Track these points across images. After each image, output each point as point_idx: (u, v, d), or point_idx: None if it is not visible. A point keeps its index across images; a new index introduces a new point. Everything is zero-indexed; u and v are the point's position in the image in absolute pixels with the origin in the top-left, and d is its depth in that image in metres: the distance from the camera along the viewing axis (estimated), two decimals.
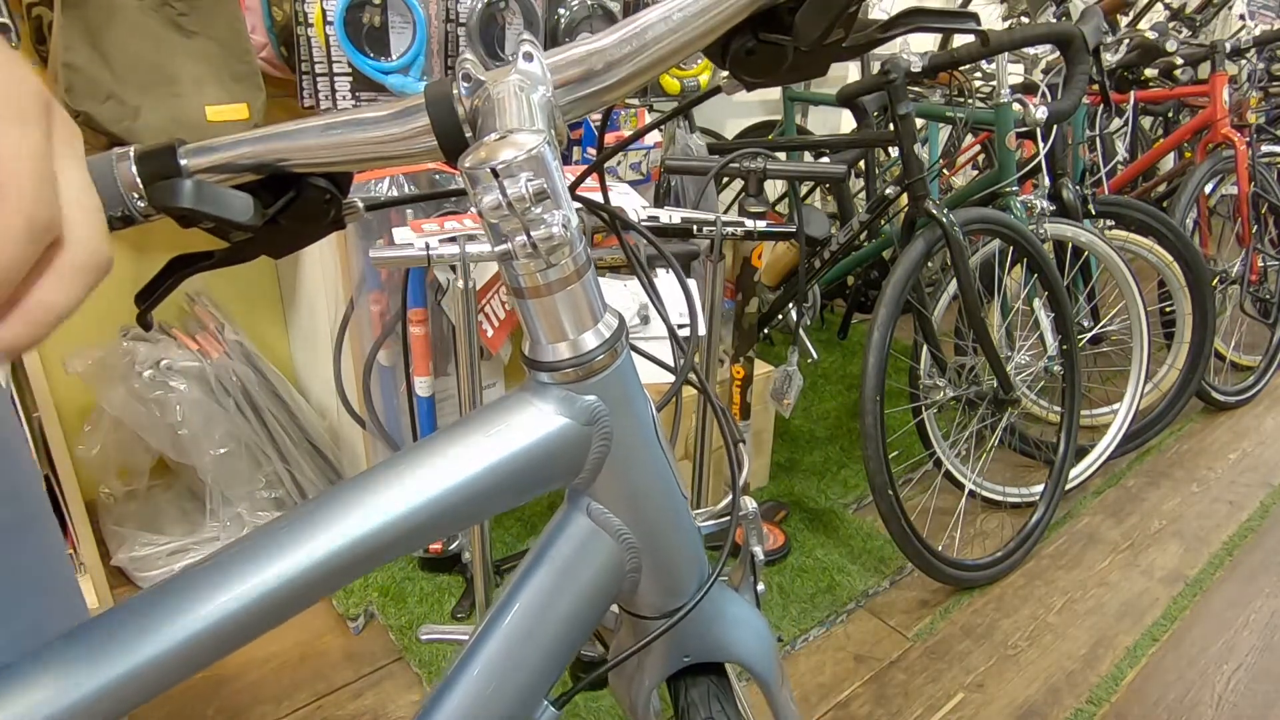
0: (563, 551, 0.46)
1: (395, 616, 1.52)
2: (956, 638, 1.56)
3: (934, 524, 1.83)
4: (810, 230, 1.79)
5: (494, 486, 0.40)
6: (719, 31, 0.41)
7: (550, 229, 0.35)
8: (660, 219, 1.31)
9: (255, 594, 0.35)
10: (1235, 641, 1.57)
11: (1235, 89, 2.39)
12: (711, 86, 0.50)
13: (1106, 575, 1.75)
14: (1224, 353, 2.59)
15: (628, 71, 0.40)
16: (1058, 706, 1.41)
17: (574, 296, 0.39)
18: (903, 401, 1.90)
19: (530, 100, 0.38)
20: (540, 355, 0.41)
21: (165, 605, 0.33)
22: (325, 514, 0.37)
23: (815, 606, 1.60)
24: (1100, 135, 2.57)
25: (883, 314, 1.53)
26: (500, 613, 0.46)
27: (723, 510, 0.57)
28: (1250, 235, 2.40)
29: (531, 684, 0.47)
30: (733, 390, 1.71)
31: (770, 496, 1.94)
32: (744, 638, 0.59)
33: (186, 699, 1.36)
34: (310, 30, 1.37)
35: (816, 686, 1.44)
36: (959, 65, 1.59)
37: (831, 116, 3.13)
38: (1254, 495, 2.04)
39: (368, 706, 1.35)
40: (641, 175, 2.00)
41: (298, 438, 1.71)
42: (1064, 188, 1.97)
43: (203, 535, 1.62)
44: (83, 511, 1.41)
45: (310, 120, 0.42)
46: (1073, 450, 1.87)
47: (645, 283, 0.54)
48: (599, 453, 0.43)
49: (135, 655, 0.32)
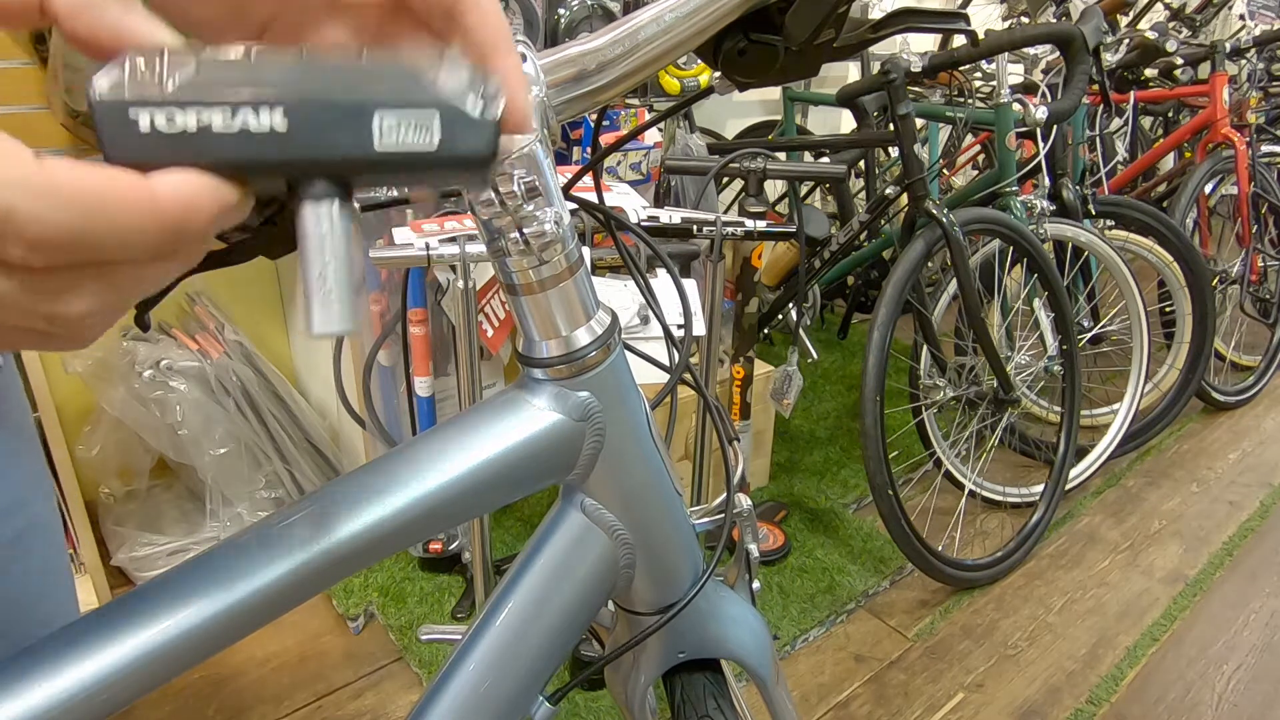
0: (557, 547, 0.47)
1: (395, 616, 1.52)
2: (956, 638, 1.57)
3: (934, 524, 1.83)
4: (810, 230, 1.80)
5: (488, 482, 0.40)
6: (710, 32, 0.41)
7: (542, 226, 0.36)
8: (660, 219, 1.31)
9: (251, 589, 0.35)
10: (1235, 641, 1.57)
11: (1235, 89, 2.39)
12: (705, 88, 0.50)
13: (1106, 575, 1.75)
14: (1224, 353, 2.59)
15: (620, 72, 0.41)
16: (1058, 706, 1.41)
17: (566, 293, 0.39)
18: (903, 401, 1.90)
19: None
20: (533, 351, 0.41)
21: (162, 600, 0.34)
22: (321, 510, 0.37)
23: (815, 606, 1.60)
24: (1100, 135, 2.58)
25: (883, 314, 1.53)
26: (495, 609, 0.47)
27: (718, 508, 0.58)
28: (1250, 235, 2.40)
29: (527, 679, 0.47)
30: (733, 390, 1.71)
31: (770, 496, 1.95)
32: (739, 634, 0.59)
33: (187, 698, 1.36)
34: None
35: (816, 686, 1.44)
36: (959, 65, 1.59)
37: (831, 116, 3.13)
38: (1254, 495, 2.04)
39: (368, 706, 1.36)
40: (641, 175, 2.00)
41: (298, 438, 1.71)
42: (1064, 188, 1.97)
43: (203, 535, 1.62)
44: (83, 511, 1.42)
45: None
46: (1073, 450, 1.87)
47: (640, 282, 0.54)
48: (592, 449, 0.43)
49: (132, 649, 0.32)
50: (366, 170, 0.24)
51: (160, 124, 0.21)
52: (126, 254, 0.21)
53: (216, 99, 0.21)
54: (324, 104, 0.23)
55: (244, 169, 0.23)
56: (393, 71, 0.23)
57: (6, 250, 0.19)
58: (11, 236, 0.18)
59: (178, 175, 0.21)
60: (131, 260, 0.21)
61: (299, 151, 0.23)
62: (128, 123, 0.21)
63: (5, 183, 0.18)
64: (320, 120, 0.22)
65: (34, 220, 0.18)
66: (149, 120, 0.21)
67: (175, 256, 0.22)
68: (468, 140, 0.24)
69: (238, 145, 0.22)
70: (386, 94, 0.23)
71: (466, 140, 0.24)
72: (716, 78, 0.46)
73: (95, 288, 0.21)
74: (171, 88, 0.21)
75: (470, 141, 0.24)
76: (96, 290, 0.21)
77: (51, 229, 0.19)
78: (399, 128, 0.23)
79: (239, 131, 0.22)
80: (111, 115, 0.21)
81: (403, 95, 0.23)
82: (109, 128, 0.21)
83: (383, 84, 0.23)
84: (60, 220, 0.19)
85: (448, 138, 0.24)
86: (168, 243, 0.21)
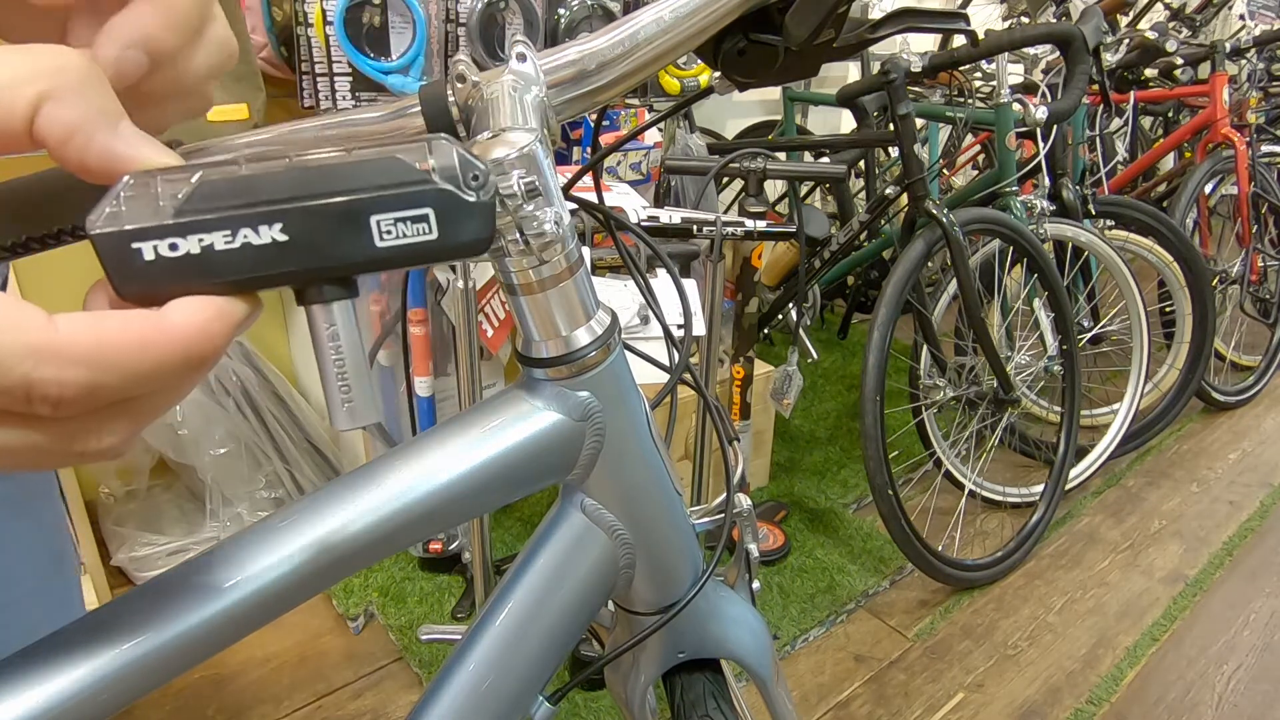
0: (557, 547, 0.47)
1: (395, 616, 1.52)
2: (956, 638, 1.57)
3: (934, 524, 1.83)
4: (810, 230, 1.79)
5: (488, 482, 0.40)
6: (710, 32, 0.41)
7: (542, 226, 0.36)
8: (660, 219, 1.31)
9: (251, 589, 0.35)
10: (1235, 641, 1.57)
11: (1235, 89, 2.39)
12: (705, 88, 0.50)
13: (1106, 575, 1.75)
14: (1224, 353, 2.59)
15: (620, 72, 0.41)
16: (1058, 706, 1.41)
17: (566, 293, 0.39)
18: (903, 401, 1.90)
19: (524, 100, 0.38)
20: (533, 351, 0.41)
21: (162, 600, 0.34)
22: (320, 509, 0.37)
23: (815, 606, 1.60)
24: (1100, 135, 2.58)
25: (883, 314, 1.53)
26: (495, 609, 0.47)
27: (718, 508, 0.58)
28: (1250, 235, 2.40)
29: (527, 679, 0.47)
30: (733, 390, 1.71)
31: (770, 496, 1.95)
32: (739, 634, 0.59)
33: (187, 698, 1.36)
34: (310, 30, 1.37)
35: (816, 686, 1.44)
36: (959, 65, 1.59)
37: (831, 116, 3.13)
38: (1254, 495, 2.04)
39: (368, 706, 1.36)
40: (641, 175, 2.00)
41: (298, 438, 1.72)
42: (1064, 188, 1.97)
43: (203, 535, 1.62)
44: (83, 511, 1.42)
45: (308, 121, 0.42)
46: (1073, 450, 1.87)
47: (640, 282, 0.54)
48: (592, 449, 0.43)
49: (132, 648, 0.32)
50: (370, 268, 0.24)
51: (164, 251, 0.21)
52: (148, 389, 0.21)
53: (216, 219, 0.22)
54: (321, 212, 0.23)
55: (251, 285, 0.23)
56: (384, 167, 0.24)
57: (36, 411, 0.20)
58: (37, 400, 0.19)
59: (188, 305, 0.22)
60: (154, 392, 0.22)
61: (303, 261, 0.23)
62: (131, 254, 0.21)
63: (21, 354, 0.19)
64: (320, 228, 0.23)
65: (54, 383, 0.19)
66: (152, 249, 0.21)
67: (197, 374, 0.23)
68: (466, 226, 0.24)
69: (242, 262, 0.22)
70: (381, 193, 0.23)
71: (465, 226, 0.24)
72: (716, 78, 0.46)
73: (122, 422, 0.22)
74: (170, 212, 0.21)
75: (468, 227, 0.25)
76: (124, 424, 0.22)
77: (72, 388, 0.20)
78: (397, 225, 0.24)
79: (241, 248, 0.22)
80: (114, 249, 0.21)
81: (396, 193, 0.23)
82: (113, 262, 0.21)
83: (376, 181, 0.23)
84: (79, 378, 0.20)
85: (445, 227, 0.24)
86: (188, 369, 0.22)
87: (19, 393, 0.19)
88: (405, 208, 0.24)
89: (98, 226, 0.21)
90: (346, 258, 0.24)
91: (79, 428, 0.21)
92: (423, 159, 0.24)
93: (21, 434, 0.20)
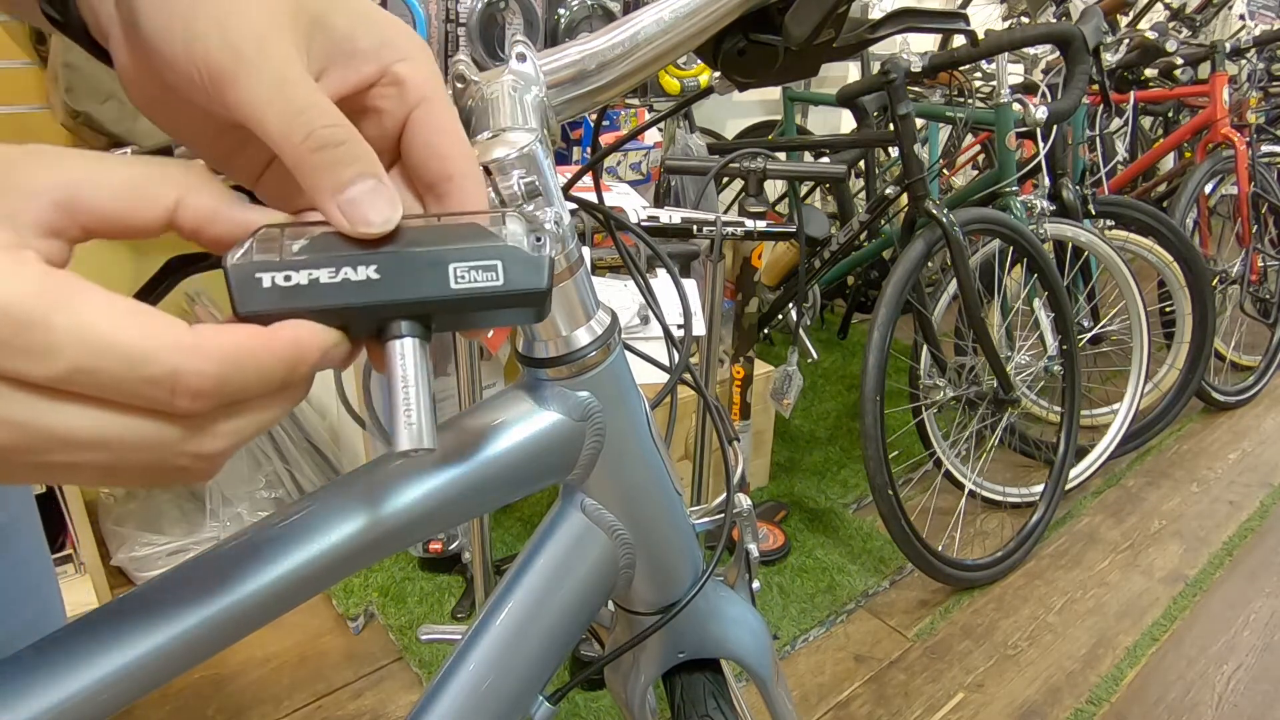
0: (557, 547, 0.46)
1: (395, 616, 1.52)
2: (956, 638, 1.57)
3: (934, 524, 1.83)
4: (810, 230, 1.79)
5: (488, 482, 0.40)
6: (710, 32, 0.41)
7: (542, 225, 0.36)
8: (660, 219, 1.31)
9: (251, 589, 0.35)
10: (1235, 641, 1.57)
11: (1235, 89, 2.39)
12: (705, 88, 0.50)
13: (1106, 575, 1.75)
14: (1224, 353, 2.59)
15: (620, 72, 0.41)
16: (1058, 706, 1.41)
17: (566, 293, 0.39)
18: (903, 401, 1.90)
19: (523, 100, 0.38)
20: (533, 351, 0.41)
21: (162, 600, 0.34)
22: (321, 509, 0.37)
23: (815, 606, 1.60)
24: (1100, 135, 2.58)
25: (883, 314, 1.53)
26: (495, 609, 0.47)
27: (718, 508, 0.58)
28: (1250, 235, 2.40)
29: (527, 679, 0.47)
30: (733, 390, 1.71)
31: (770, 496, 1.95)
32: (739, 634, 0.59)
33: (187, 698, 1.36)
34: None
35: (816, 686, 1.44)
36: (959, 65, 1.59)
37: (831, 116, 3.13)
38: (1254, 495, 2.04)
39: (368, 706, 1.36)
40: (641, 175, 2.00)
41: (298, 438, 1.72)
42: (1064, 188, 1.97)
43: (203, 535, 1.62)
44: (83, 511, 1.41)
45: None
46: (1073, 450, 1.87)
47: (640, 282, 0.54)
48: (592, 449, 0.43)
49: (132, 649, 0.32)
50: (444, 309, 0.29)
51: (279, 281, 0.27)
52: (256, 393, 0.26)
53: (325, 258, 0.27)
54: (410, 257, 0.28)
55: (343, 312, 0.28)
56: (465, 229, 0.29)
57: (175, 403, 0.24)
58: (181, 390, 0.24)
59: (290, 324, 0.27)
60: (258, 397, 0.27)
61: (388, 294, 0.28)
62: (254, 281, 0.27)
63: (172, 348, 0.23)
64: (406, 269, 0.28)
65: (195, 374, 0.24)
66: (270, 279, 0.27)
67: (289, 392, 0.28)
68: (527, 277, 0.29)
69: (339, 292, 0.27)
70: (460, 246, 0.29)
71: (526, 277, 0.29)
72: (716, 78, 0.46)
73: (229, 426, 0.26)
74: (291, 252, 0.27)
75: (530, 278, 0.29)
76: (230, 428, 0.26)
77: (208, 381, 0.24)
78: (470, 271, 0.28)
79: (341, 282, 0.27)
80: (242, 276, 0.27)
81: (474, 246, 0.29)
82: (240, 285, 0.27)
83: (457, 238, 0.29)
84: (212, 372, 0.24)
85: (510, 276, 0.29)
86: (286, 381, 0.27)
87: (167, 383, 0.23)
88: (479, 259, 0.28)
89: (232, 261, 0.27)
90: (426, 294, 0.28)
91: (198, 426, 0.25)
92: (498, 222, 0.29)
93: (156, 426, 0.24)
